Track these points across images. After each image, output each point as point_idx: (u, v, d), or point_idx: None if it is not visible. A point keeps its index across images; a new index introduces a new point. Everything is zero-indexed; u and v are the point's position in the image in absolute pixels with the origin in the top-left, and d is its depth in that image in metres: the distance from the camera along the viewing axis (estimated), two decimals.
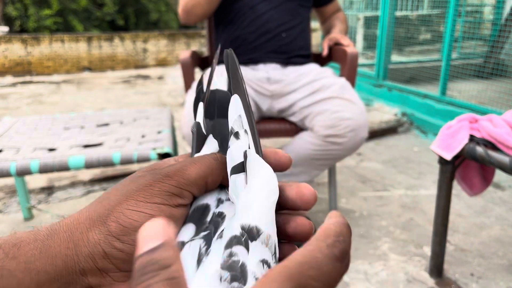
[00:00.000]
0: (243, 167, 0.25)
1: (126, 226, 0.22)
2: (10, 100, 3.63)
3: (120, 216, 0.23)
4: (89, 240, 0.22)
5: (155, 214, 0.23)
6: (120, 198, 0.24)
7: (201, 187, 0.25)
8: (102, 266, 0.22)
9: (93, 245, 0.22)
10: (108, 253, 0.22)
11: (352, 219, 1.54)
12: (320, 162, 1.31)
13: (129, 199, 0.23)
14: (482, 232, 1.44)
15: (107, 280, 0.23)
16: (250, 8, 1.38)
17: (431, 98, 2.64)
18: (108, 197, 0.24)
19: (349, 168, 2.02)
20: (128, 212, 0.23)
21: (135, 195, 0.23)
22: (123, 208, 0.23)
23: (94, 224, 0.23)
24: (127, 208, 0.23)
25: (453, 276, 1.21)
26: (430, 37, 3.42)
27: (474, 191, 1.16)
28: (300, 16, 1.43)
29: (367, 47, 3.68)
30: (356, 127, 1.24)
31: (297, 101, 1.33)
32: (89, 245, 0.22)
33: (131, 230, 0.22)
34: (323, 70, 1.40)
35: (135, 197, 0.23)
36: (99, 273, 0.22)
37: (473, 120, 1.07)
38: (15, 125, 1.37)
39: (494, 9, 2.92)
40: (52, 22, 5.59)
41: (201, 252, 0.22)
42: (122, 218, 0.23)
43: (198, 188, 0.25)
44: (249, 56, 1.40)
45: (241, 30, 1.39)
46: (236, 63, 0.30)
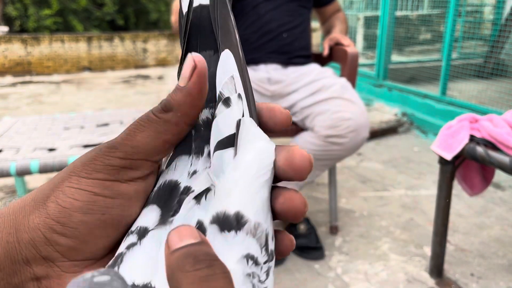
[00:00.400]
0: (233, 140, 0.21)
1: (65, 206, 0.20)
2: (10, 100, 3.63)
3: (59, 196, 0.20)
4: (29, 225, 0.20)
5: (99, 192, 0.20)
6: (64, 175, 0.21)
7: (161, 152, 0.21)
8: (46, 255, 0.20)
9: (32, 230, 0.20)
10: (49, 239, 0.20)
11: (352, 219, 1.54)
12: (321, 162, 1.31)
13: (71, 175, 0.20)
14: (482, 232, 1.44)
15: (55, 270, 0.20)
16: (253, 8, 1.38)
17: (431, 98, 2.64)
18: (58, 174, 0.21)
19: (349, 168, 2.02)
20: (68, 190, 0.20)
21: (78, 170, 0.20)
22: (64, 186, 0.20)
23: (37, 205, 0.20)
24: (68, 186, 0.20)
25: (453, 276, 1.21)
26: (430, 37, 3.42)
27: (474, 191, 1.16)
28: (301, 17, 1.43)
29: (367, 47, 3.68)
30: (356, 128, 1.24)
31: (298, 102, 1.33)
32: (29, 230, 0.20)
33: (72, 211, 0.20)
34: (323, 70, 1.40)
35: (78, 172, 0.20)
36: (44, 262, 0.20)
37: (473, 120, 1.06)
38: (15, 125, 1.37)
39: (494, 9, 2.92)
40: (52, 22, 5.59)
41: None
42: (61, 197, 0.20)
43: (156, 154, 0.21)
44: (251, 56, 1.40)
45: (243, 30, 1.39)
46: (227, 6, 0.24)
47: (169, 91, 0.22)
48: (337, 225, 1.47)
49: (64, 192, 0.20)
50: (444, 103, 2.53)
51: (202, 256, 0.16)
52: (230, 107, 0.21)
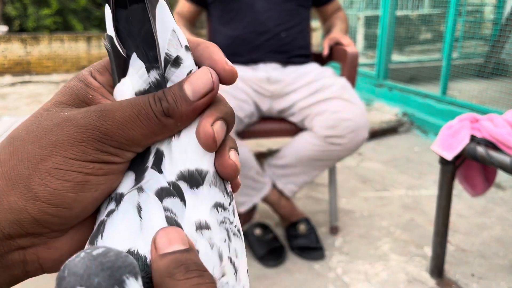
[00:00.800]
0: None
1: (57, 188, 0.19)
2: (9, 100, 3.62)
3: (47, 178, 0.19)
4: (11, 206, 0.19)
5: (91, 172, 0.20)
6: (42, 152, 0.19)
7: (146, 145, 0.21)
8: (34, 231, 0.20)
9: (18, 212, 0.19)
10: (40, 220, 0.19)
11: (352, 220, 1.53)
12: (320, 162, 1.31)
13: (54, 154, 0.19)
14: (483, 233, 1.44)
15: (41, 239, 0.20)
16: (249, 6, 1.37)
17: (431, 98, 2.63)
18: (24, 147, 0.20)
19: (350, 168, 2.01)
20: (56, 172, 0.19)
21: (62, 149, 0.19)
22: (48, 167, 0.19)
23: (15, 185, 0.19)
24: (55, 167, 0.19)
25: (453, 277, 1.20)
26: (431, 37, 3.42)
27: (476, 191, 1.15)
28: (299, 16, 1.43)
29: (367, 46, 3.67)
30: (356, 128, 1.23)
31: (297, 102, 1.32)
32: (13, 211, 0.19)
33: (64, 192, 0.19)
34: (323, 70, 1.40)
35: (63, 152, 0.19)
36: (30, 236, 0.20)
37: (474, 120, 1.06)
38: (14, 125, 1.36)
39: (494, 9, 2.92)
40: (52, 21, 5.59)
41: (140, 205, 0.20)
42: (50, 179, 0.19)
43: (145, 146, 0.21)
44: (250, 56, 1.39)
45: (240, 29, 1.39)
46: None
47: None
48: (337, 225, 1.46)
49: (51, 173, 0.19)
50: (444, 103, 2.53)
51: (193, 266, 0.17)
52: (182, 65, 0.21)
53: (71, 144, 0.19)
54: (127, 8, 0.21)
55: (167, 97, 0.20)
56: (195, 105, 0.20)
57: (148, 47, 0.21)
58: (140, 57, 0.21)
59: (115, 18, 0.21)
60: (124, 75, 0.21)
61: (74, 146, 0.19)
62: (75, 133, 0.20)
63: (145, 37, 0.21)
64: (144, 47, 0.21)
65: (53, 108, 0.21)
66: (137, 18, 0.21)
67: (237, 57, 1.40)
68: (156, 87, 0.21)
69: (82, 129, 0.20)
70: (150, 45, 0.21)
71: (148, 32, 0.20)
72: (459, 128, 1.05)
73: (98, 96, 0.22)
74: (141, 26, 0.21)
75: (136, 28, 0.21)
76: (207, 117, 0.21)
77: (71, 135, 0.20)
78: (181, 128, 0.21)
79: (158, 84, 0.21)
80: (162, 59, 0.21)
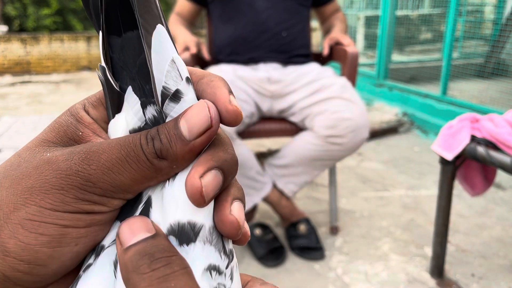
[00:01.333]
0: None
1: (30, 243, 0.17)
2: (9, 100, 3.62)
3: (18, 230, 0.17)
4: None
5: (70, 224, 0.17)
6: (16, 199, 0.17)
7: (137, 191, 0.19)
8: (4, 286, 0.18)
9: None
10: (10, 277, 0.17)
11: (352, 220, 1.53)
12: (320, 162, 1.31)
13: (29, 203, 0.17)
14: (483, 233, 1.43)
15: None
16: (249, 5, 1.37)
17: (432, 98, 2.63)
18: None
19: (350, 168, 2.01)
20: (29, 223, 0.17)
21: (38, 198, 0.17)
22: (21, 218, 0.17)
23: None
24: (28, 219, 0.17)
25: (454, 277, 1.20)
26: (431, 37, 3.41)
27: (475, 191, 1.15)
28: (299, 15, 1.43)
29: (367, 46, 3.67)
30: (356, 128, 1.23)
31: (297, 102, 1.32)
32: None
33: (38, 247, 0.17)
34: (323, 70, 1.39)
35: (38, 201, 0.17)
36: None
37: (474, 120, 1.06)
38: (14, 125, 1.37)
39: (495, 9, 2.92)
40: (51, 21, 5.59)
41: (117, 262, 0.17)
42: (22, 232, 0.17)
43: (136, 192, 0.18)
44: (250, 56, 1.39)
45: (240, 29, 1.38)
46: None
47: None
48: (337, 226, 1.46)
49: (24, 225, 0.17)
50: (444, 103, 2.53)
51: (158, 254, 0.15)
52: (182, 100, 0.18)
53: (48, 192, 0.17)
54: (121, 36, 0.19)
55: (161, 136, 0.18)
56: (191, 145, 0.18)
57: (144, 79, 0.18)
58: (135, 91, 0.19)
59: (109, 47, 0.19)
60: (118, 110, 0.19)
61: (51, 193, 0.17)
62: (53, 179, 0.17)
63: (140, 69, 0.18)
64: (140, 80, 0.19)
65: (37, 147, 0.19)
66: (132, 47, 0.18)
67: (237, 56, 1.40)
68: (153, 124, 0.19)
69: (62, 174, 0.17)
70: (146, 77, 0.18)
71: (143, 62, 0.18)
72: (460, 128, 1.05)
73: (89, 133, 0.19)
74: (137, 56, 0.18)
75: (131, 59, 0.19)
76: (197, 166, 0.18)
77: (49, 180, 0.17)
78: (177, 171, 0.18)
79: (155, 121, 0.19)
80: (159, 93, 0.18)
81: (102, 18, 0.18)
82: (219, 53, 1.46)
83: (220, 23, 1.45)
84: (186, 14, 1.51)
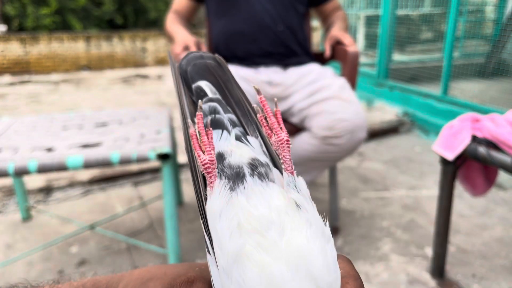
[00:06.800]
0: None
1: None
2: (9, 99, 3.61)
3: None
4: None
5: None
6: None
7: None
8: None
9: None
10: None
11: (353, 220, 1.53)
12: (319, 163, 1.30)
13: None
14: (484, 233, 1.43)
15: None
16: (244, 0, 1.36)
17: (432, 98, 2.62)
18: None
19: (350, 168, 2.01)
20: None
21: None
22: None
23: None
24: None
25: (454, 277, 1.20)
26: (432, 36, 3.41)
27: (477, 191, 1.15)
28: (295, 11, 1.42)
29: (368, 46, 3.66)
30: (353, 129, 1.22)
31: (296, 103, 1.32)
32: None
33: None
34: (323, 71, 1.39)
35: None
36: None
37: (475, 120, 1.05)
38: (13, 125, 1.36)
39: (496, 8, 2.91)
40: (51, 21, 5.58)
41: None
42: None
43: None
44: (247, 50, 1.38)
45: (236, 24, 1.38)
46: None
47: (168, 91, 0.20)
48: (337, 226, 1.46)
49: None
50: (445, 103, 2.52)
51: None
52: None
53: None
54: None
55: None
56: None
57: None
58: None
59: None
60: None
61: None
62: None
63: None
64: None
65: None
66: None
67: (234, 52, 1.40)
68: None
69: None
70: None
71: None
72: (460, 128, 1.04)
73: None
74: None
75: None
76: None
77: None
78: None
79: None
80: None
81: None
82: (216, 49, 1.45)
83: (216, 19, 1.45)
84: (183, 11, 1.51)
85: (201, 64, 0.33)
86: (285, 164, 0.28)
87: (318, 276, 0.22)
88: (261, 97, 0.30)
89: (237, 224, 0.24)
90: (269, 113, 0.30)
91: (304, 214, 0.25)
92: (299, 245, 0.23)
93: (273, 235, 0.23)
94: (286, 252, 0.23)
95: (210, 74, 0.33)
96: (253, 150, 0.30)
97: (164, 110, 1.50)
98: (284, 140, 0.28)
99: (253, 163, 0.28)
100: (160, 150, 1.07)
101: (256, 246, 0.23)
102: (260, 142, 0.31)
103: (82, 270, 1.24)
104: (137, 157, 1.05)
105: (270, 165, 0.29)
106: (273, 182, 0.28)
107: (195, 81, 0.33)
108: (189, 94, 0.33)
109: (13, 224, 1.53)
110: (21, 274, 1.23)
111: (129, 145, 1.13)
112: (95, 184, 1.85)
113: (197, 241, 1.40)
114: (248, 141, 0.31)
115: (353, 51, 1.39)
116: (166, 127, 1.29)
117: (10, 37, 4.80)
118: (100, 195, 1.75)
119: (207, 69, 0.33)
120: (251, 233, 0.23)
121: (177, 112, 2.87)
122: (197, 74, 0.33)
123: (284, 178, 0.27)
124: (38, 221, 1.54)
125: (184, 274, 0.25)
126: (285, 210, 0.25)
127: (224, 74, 0.33)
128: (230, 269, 0.23)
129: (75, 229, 1.45)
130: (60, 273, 1.24)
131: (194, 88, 0.32)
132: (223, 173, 0.28)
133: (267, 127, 0.30)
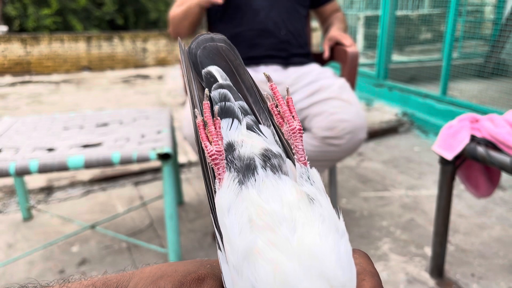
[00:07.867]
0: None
1: None
2: (10, 100, 3.62)
3: None
4: None
5: None
6: None
7: None
8: None
9: None
10: None
11: (352, 219, 1.53)
12: (319, 163, 1.31)
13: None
14: (483, 233, 1.44)
15: None
16: (247, 4, 1.37)
17: (432, 98, 2.63)
18: None
19: (350, 168, 2.01)
20: None
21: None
22: None
23: None
24: None
25: (454, 277, 1.20)
26: (431, 37, 3.41)
27: (480, 192, 1.15)
28: (298, 14, 1.43)
29: (367, 46, 3.67)
30: (353, 129, 1.23)
31: (296, 103, 1.32)
32: None
33: None
34: (323, 71, 1.39)
35: None
36: None
37: (474, 120, 1.06)
38: (14, 125, 1.37)
39: (495, 9, 2.92)
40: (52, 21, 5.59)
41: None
42: None
43: None
44: (249, 54, 1.39)
45: (239, 28, 1.38)
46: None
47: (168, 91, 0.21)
48: None
49: None
50: (444, 103, 2.53)
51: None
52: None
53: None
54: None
55: None
56: None
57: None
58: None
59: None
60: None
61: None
62: None
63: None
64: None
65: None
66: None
67: None
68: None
69: None
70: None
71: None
72: (459, 128, 1.05)
73: None
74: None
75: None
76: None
77: None
78: None
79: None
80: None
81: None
82: None
83: (218, 21, 1.45)
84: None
85: (211, 47, 0.32)
86: (297, 154, 0.27)
87: (332, 276, 0.21)
88: (271, 84, 0.29)
89: (247, 219, 0.23)
90: (280, 100, 0.29)
91: (317, 209, 0.24)
92: (311, 242, 0.22)
93: (285, 232, 0.22)
94: (298, 249, 0.22)
95: (221, 59, 0.32)
96: (266, 140, 0.28)
97: (164, 110, 1.50)
98: (296, 129, 0.27)
99: (265, 154, 0.27)
100: (160, 150, 1.08)
101: (267, 243, 0.22)
102: (272, 131, 0.30)
103: (83, 270, 1.24)
104: (138, 157, 1.06)
105: (283, 156, 0.28)
106: (286, 174, 0.26)
107: (205, 66, 0.31)
108: (198, 80, 0.31)
109: (14, 223, 1.54)
110: (22, 273, 1.24)
111: (129, 145, 1.13)
112: (95, 184, 1.85)
113: (198, 241, 1.40)
114: (260, 130, 0.29)
115: (352, 51, 1.40)
116: (167, 127, 1.29)
117: (11, 37, 4.80)
118: (100, 195, 1.76)
119: (218, 52, 0.32)
120: (263, 229, 0.23)
121: (177, 112, 2.86)
122: (207, 58, 0.31)
123: (296, 169, 0.26)
124: (39, 221, 1.55)
125: (194, 272, 0.25)
126: (298, 205, 0.24)
127: (235, 59, 0.32)
128: (240, 266, 0.22)
129: (76, 229, 1.45)
130: (61, 272, 1.25)
131: (204, 73, 0.31)
132: (232, 165, 0.26)
133: (279, 116, 0.29)
